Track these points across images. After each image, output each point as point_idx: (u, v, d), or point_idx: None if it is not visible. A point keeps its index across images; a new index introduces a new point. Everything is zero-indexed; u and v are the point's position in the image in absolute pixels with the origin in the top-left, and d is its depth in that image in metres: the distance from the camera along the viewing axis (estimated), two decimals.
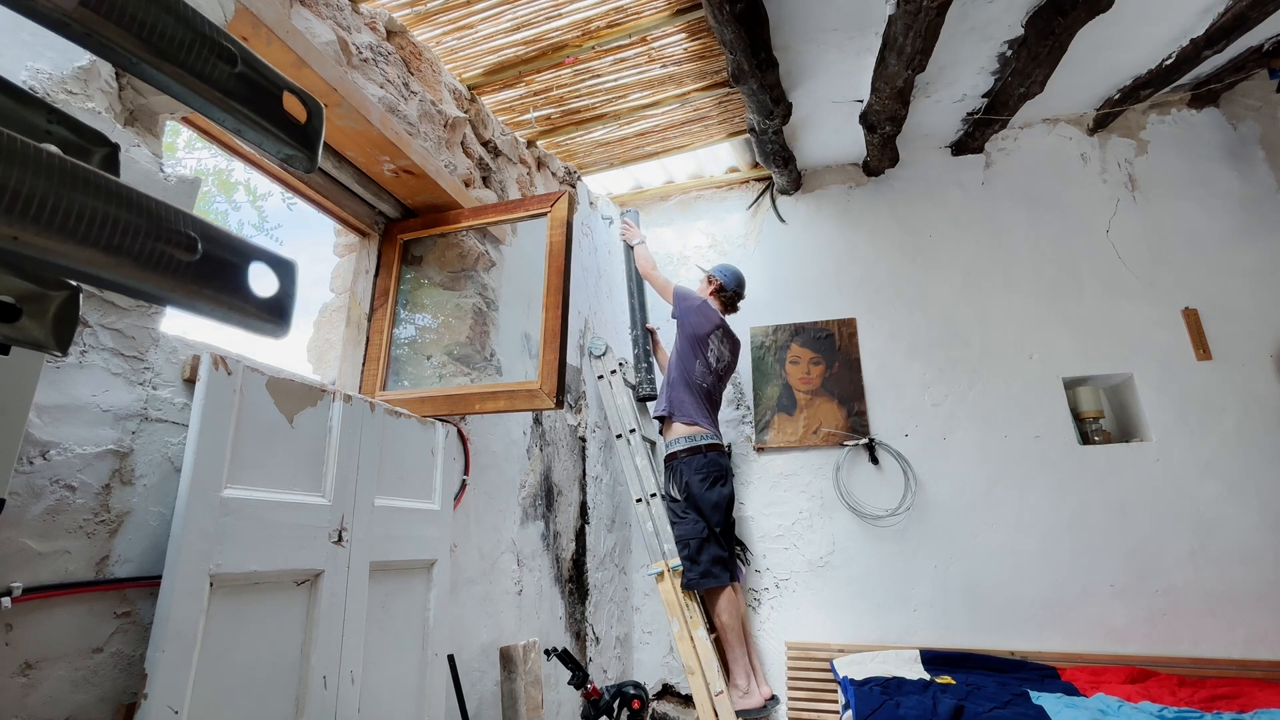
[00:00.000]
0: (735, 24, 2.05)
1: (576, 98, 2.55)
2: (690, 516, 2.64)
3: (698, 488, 2.65)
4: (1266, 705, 1.97)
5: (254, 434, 1.24)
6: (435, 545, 1.71)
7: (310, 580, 1.32)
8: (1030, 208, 3.10)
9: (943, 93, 2.86)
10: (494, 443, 2.20)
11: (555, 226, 1.87)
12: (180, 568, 1.05)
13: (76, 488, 1.01)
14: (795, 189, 3.49)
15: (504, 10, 2.06)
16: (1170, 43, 2.55)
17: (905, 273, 3.20)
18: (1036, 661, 2.49)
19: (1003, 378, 2.92)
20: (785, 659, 2.85)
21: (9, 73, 0.95)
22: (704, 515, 2.63)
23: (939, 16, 2.11)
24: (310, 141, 0.69)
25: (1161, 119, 3.07)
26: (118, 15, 0.51)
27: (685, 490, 2.67)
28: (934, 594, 2.76)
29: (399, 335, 2.01)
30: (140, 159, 1.12)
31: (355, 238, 2.05)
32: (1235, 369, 2.67)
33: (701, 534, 2.60)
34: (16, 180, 0.42)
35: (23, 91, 0.68)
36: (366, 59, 1.79)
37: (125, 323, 1.10)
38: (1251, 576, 2.46)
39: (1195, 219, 2.89)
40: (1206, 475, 2.59)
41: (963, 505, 2.82)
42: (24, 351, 0.71)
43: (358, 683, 1.38)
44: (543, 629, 2.36)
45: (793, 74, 2.62)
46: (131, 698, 1.03)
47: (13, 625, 0.91)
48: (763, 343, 3.29)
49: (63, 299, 0.59)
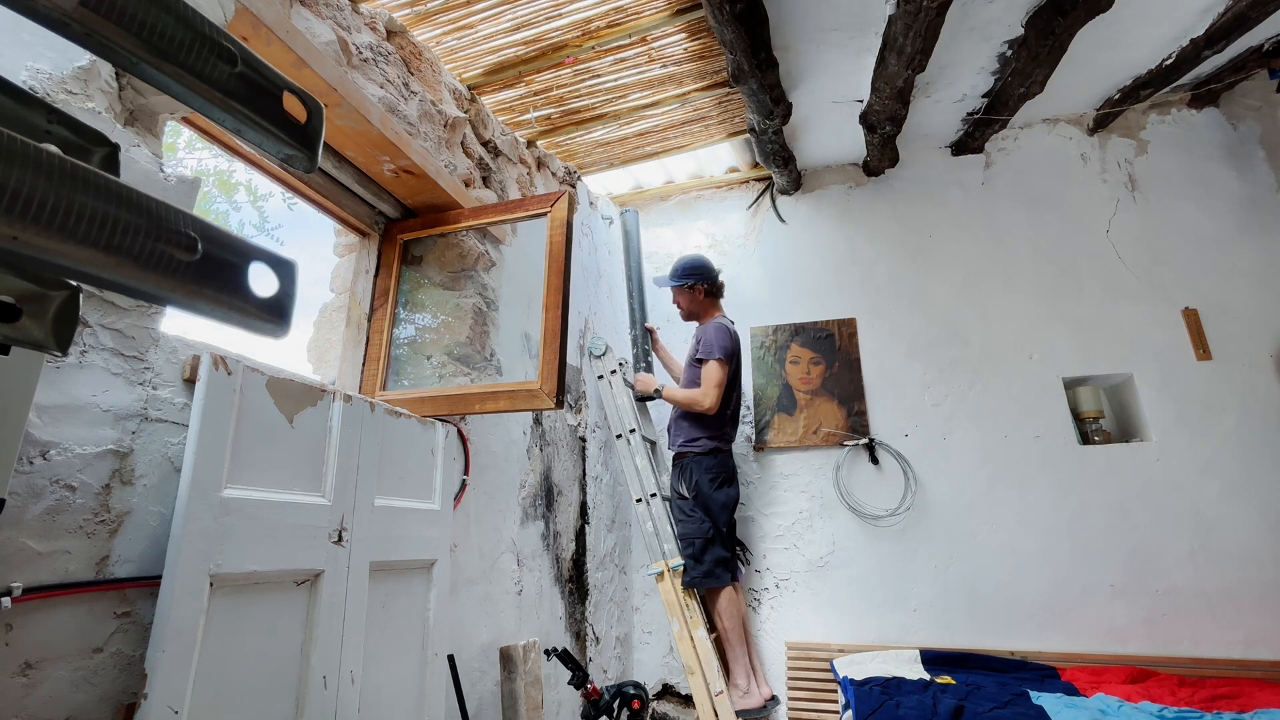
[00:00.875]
0: (735, 24, 2.05)
1: (576, 98, 2.55)
2: (697, 515, 2.62)
3: (707, 487, 2.64)
4: (1266, 705, 1.97)
5: (254, 434, 1.24)
6: (435, 545, 1.71)
7: (310, 580, 1.32)
8: (1030, 208, 3.10)
9: (943, 93, 2.86)
10: (494, 443, 2.20)
11: (555, 226, 1.87)
12: (180, 568, 1.05)
13: (76, 488, 1.01)
14: (795, 189, 3.49)
15: (504, 10, 2.06)
16: (1170, 43, 2.55)
17: (905, 273, 3.20)
18: (1036, 661, 2.49)
19: (1003, 378, 2.92)
20: (785, 659, 2.85)
21: (9, 73, 0.95)
22: (711, 515, 2.62)
23: (939, 16, 2.11)
24: (310, 141, 0.69)
25: (1161, 119, 3.07)
26: (118, 15, 0.51)
27: (695, 489, 2.65)
28: (934, 594, 2.76)
29: (399, 335, 2.01)
30: (140, 159, 1.12)
31: (355, 238, 2.05)
32: (1235, 369, 2.67)
33: (707, 533, 2.59)
34: (16, 180, 0.42)
35: (23, 91, 0.68)
36: (366, 59, 1.79)
37: (125, 323, 1.10)
38: (1251, 576, 2.46)
39: (1195, 219, 2.89)
40: (1206, 475, 2.59)
41: (963, 505, 2.82)
42: (24, 351, 0.71)
43: (358, 683, 1.38)
44: (543, 629, 2.36)
45: (793, 74, 2.62)
46: (131, 698, 1.03)
47: (13, 625, 0.91)
48: (763, 343, 3.29)
49: (63, 299, 0.59)
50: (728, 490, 2.69)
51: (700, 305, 2.90)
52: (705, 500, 2.63)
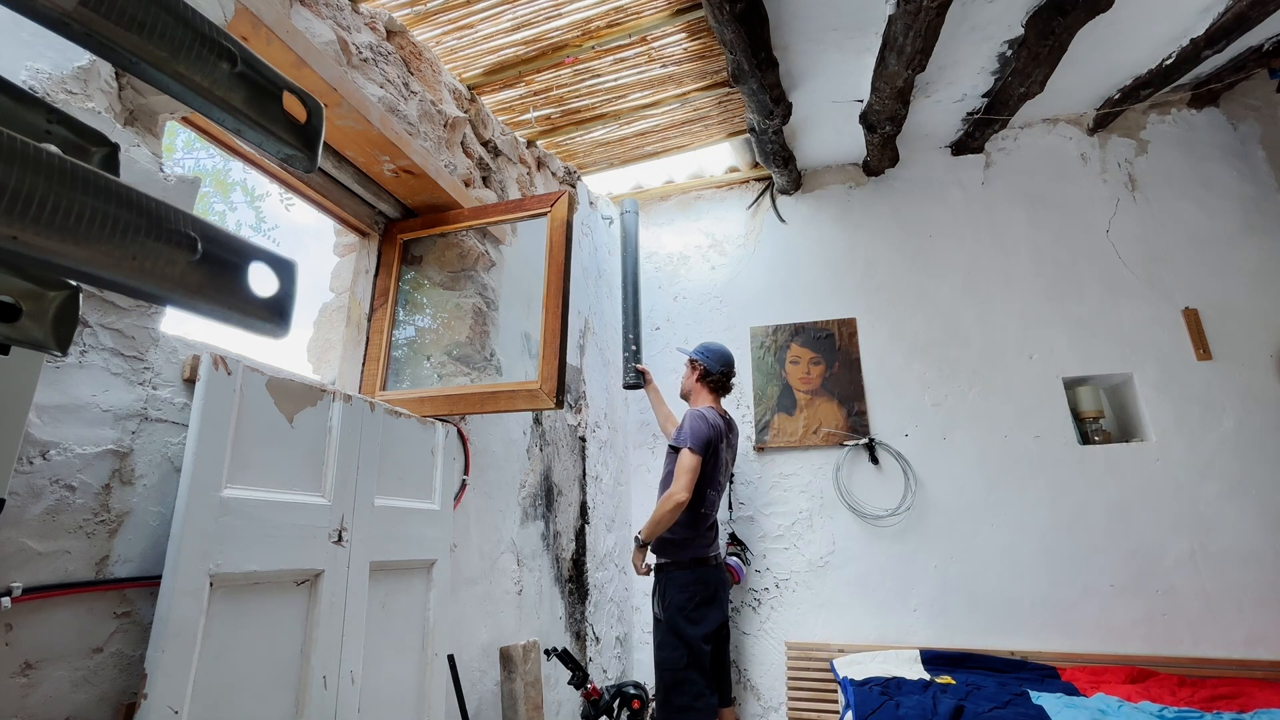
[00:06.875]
0: (735, 24, 2.05)
1: (576, 98, 2.55)
2: (669, 642, 2.31)
3: (680, 612, 2.32)
4: (1266, 705, 1.97)
5: (254, 434, 1.24)
6: (435, 545, 1.71)
7: (310, 580, 1.32)
8: (1030, 208, 3.10)
9: (943, 93, 2.86)
10: (494, 443, 2.20)
11: (555, 226, 1.87)
12: (180, 568, 1.05)
13: (76, 488, 1.01)
14: (795, 189, 3.49)
15: (504, 10, 2.06)
16: (1170, 42, 2.55)
17: (905, 273, 3.20)
18: (1036, 661, 2.49)
19: (1003, 378, 2.92)
20: (785, 659, 2.85)
21: (9, 73, 0.95)
22: (686, 644, 2.28)
23: (939, 16, 2.11)
24: (310, 141, 0.69)
25: (1161, 119, 3.07)
26: (118, 15, 0.51)
27: (668, 612, 2.34)
28: (934, 594, 2.76)
29: (399, 335, 2.01)
30: (140, 159, 1.12)
31: (355, 238, 2.05)
32: (1235, 369, 2.67)
33: (679, 664, 2.26)
34: (16, 180, 0.42)
35: (23, 91, 0.68)
36: (366, 59, 1.79)
37: (125, 323, 1.10)
38: (1251, 576, 2.46)
39: (1195, 219, 2.89)
40: (1206, 475, 2.59)
41: (963, 505, 2.82)
42: (24, 351, 0.71)
43: (358, 683, 1.38)
44: (543, 629, 2.36)
45: (793, 74, 2.62)
46: (131, 698, 1.03)
47: (13, 625, 0.91)
48: (763, 343, 3.29)
49: (63, 299, 0.59)
50: (708, 613, 2.34)
51: (692, 386, 2.71)
52: (678, 629, 2.30)
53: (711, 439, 2.44)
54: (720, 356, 2.68)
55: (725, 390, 2.71)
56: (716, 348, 2.72)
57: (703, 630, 2.32)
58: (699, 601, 2.35)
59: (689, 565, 2.40)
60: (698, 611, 2.33)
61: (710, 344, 2.75)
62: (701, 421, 2.45)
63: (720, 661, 2.48)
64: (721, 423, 2.55)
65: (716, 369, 2.66)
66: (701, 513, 2.44)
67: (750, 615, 2.99)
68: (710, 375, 2.66)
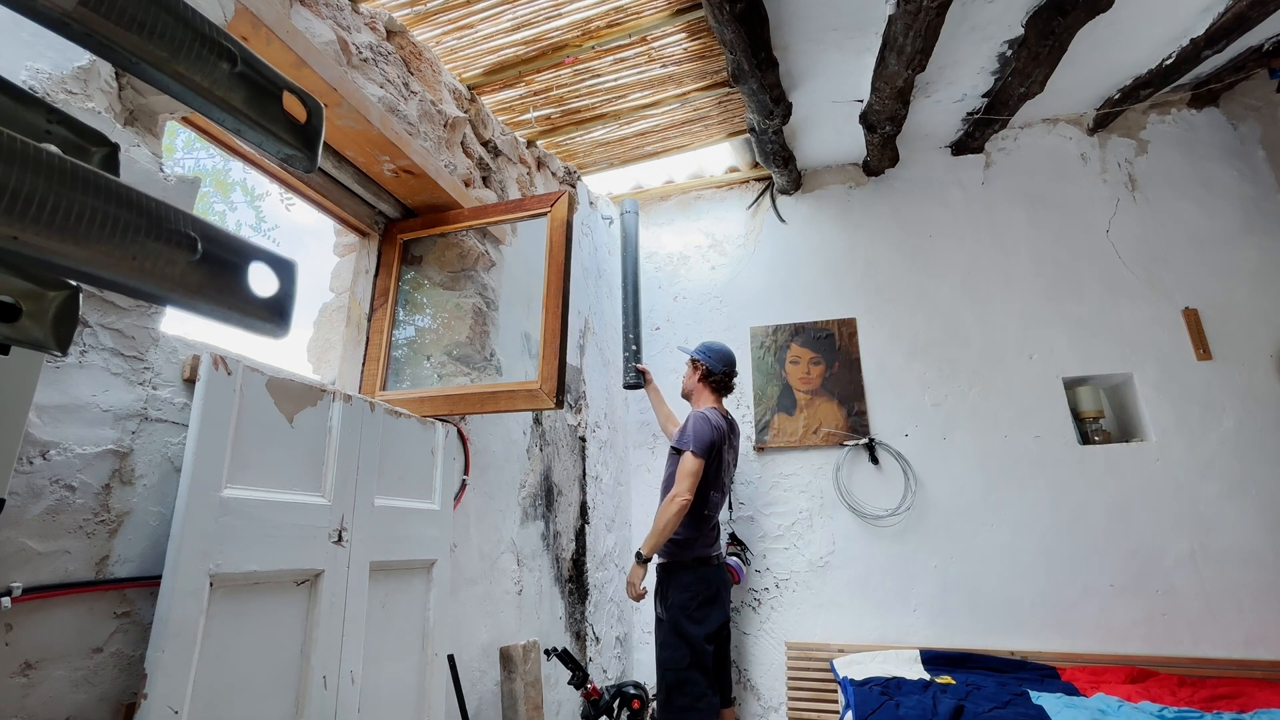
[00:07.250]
0: (735, 24, 2.05)
1: (576, 98, 2.55)
2: (673, 642, 2.31)
3: (683, 612, 2.32)
4: (1266, 705, 1.97)
5: (254, 434, 1.24)
6: (435, 545, 1.71)
7: (310, 580, 1.32)
8: (1030, 208, 3.10)
9: (943, 93, 2.86)
10: (494, 443, 2.20)
11: (555, 226, 1.87)
12: (180, 568, 1.05)
13: (76, 488, 1.01)
14: (795, 189, 3.49)
15: (504, 10, 2.06)
16: (1170, 42, 2.55)
17: (905, 273, 3.20)
18: (1036, 661, 2.49)
19: (1003, 378, 2.92)
20: (785, 659, 2.85)
21: (9, 73, 0.95)
22: (689, 644, 2.28)
23: (939, 16, 2.11)
24: (310, 141, 0.69)
25: (1161, 119, 3.07)
26: (118, 15, 0.51)
27: (671, 612, 2.34)
28: (934, 594, 2.76)
29: (399, 335, 2.01)
30: (140, 159, 1.12)
31: (355, 238, 2.05)
32: (1235, 369, 2.67)
33: (681, 664, 2.27)
34: (16, 180, 0.42)
35: (23, 91, 0.68)
36: (366, 59, 1.79)
37: (125, 323, 1.10)
38: (1251, 576, 2.46)
39: (1195, 219, 2.89)
40: (1206, 475, 2.59)
41: (962, 505, 2.82)
42: (24, 351, 0.71)
43: (358, 683, 1.38)
44: (543, 629, 2.36)
45: (793, 74, 2.62)
46: (131, 698, 1.03)
47: (13, 625, 0.91)
48: (763, 343, 3.29)
49: (63, 299, 0.59)
50: (710, 613, 2.35)
51: (694, 386, 2.70)
52: (681, 628, 2.30)
53: (714, 441, 2.44)
54: (722, 356, 2.68)
55: (727, 390, 2.70)
56: (718, 347, 2.71)
57: (705, 630, 2.33)
58: (702, 601, 2.35)
59: (692, 565, 2.39)
60: (700, 611, 2.34)
61: (712, 343, 2.74)
62: (704, 423, 2.45)
63: (721, 661, 2.48)
64: (724, 424, 2.54)
65: (719, 369, 2.65)
66: (704, 514, 2.44)
67: (750, 615, 2.99)
68: (712, 375, 2.65)
